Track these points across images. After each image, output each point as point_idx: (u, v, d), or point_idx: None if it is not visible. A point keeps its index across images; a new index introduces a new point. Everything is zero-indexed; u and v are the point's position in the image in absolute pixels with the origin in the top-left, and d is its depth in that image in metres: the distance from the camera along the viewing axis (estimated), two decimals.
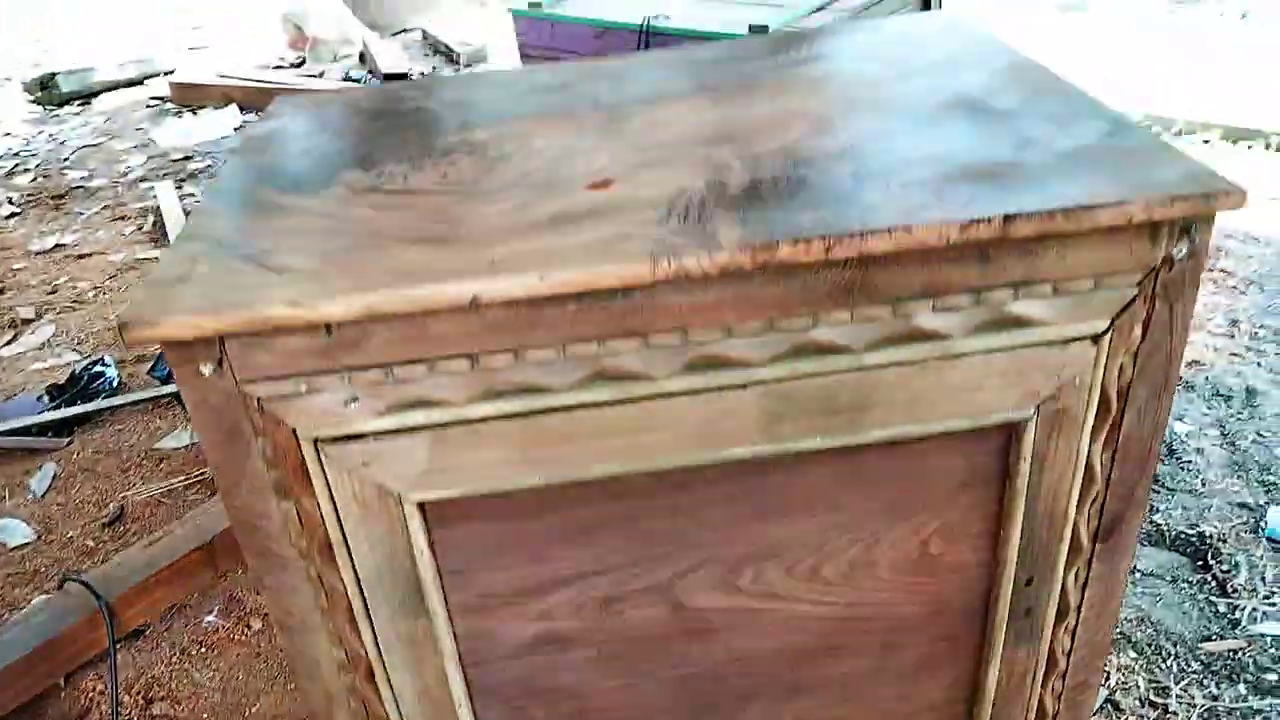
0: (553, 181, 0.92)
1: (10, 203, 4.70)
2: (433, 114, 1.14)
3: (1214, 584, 1.88)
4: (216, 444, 0.83)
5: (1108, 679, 1.71)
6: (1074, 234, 0.78)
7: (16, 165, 5.19)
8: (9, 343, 3.48)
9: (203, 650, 2.08)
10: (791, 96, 1.07)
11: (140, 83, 6.32)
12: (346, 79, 5.50)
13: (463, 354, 0.80)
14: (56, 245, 4.19)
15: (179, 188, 4.63)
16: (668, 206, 0.84)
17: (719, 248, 0.77)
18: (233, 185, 0.99)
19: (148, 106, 5.89)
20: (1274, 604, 1.83)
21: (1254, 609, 1.82)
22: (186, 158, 5.01)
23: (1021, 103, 0.97)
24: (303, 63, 5.98)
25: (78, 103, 6.07)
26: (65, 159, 5.21)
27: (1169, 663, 1.75)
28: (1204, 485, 2.14)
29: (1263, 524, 2.00)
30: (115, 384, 3.05)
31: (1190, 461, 2.21)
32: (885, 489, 0.92)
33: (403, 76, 5.37)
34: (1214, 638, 1.78)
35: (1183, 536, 2.00)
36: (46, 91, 6.01)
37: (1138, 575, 1.93)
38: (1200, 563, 1.93)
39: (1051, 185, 0.80)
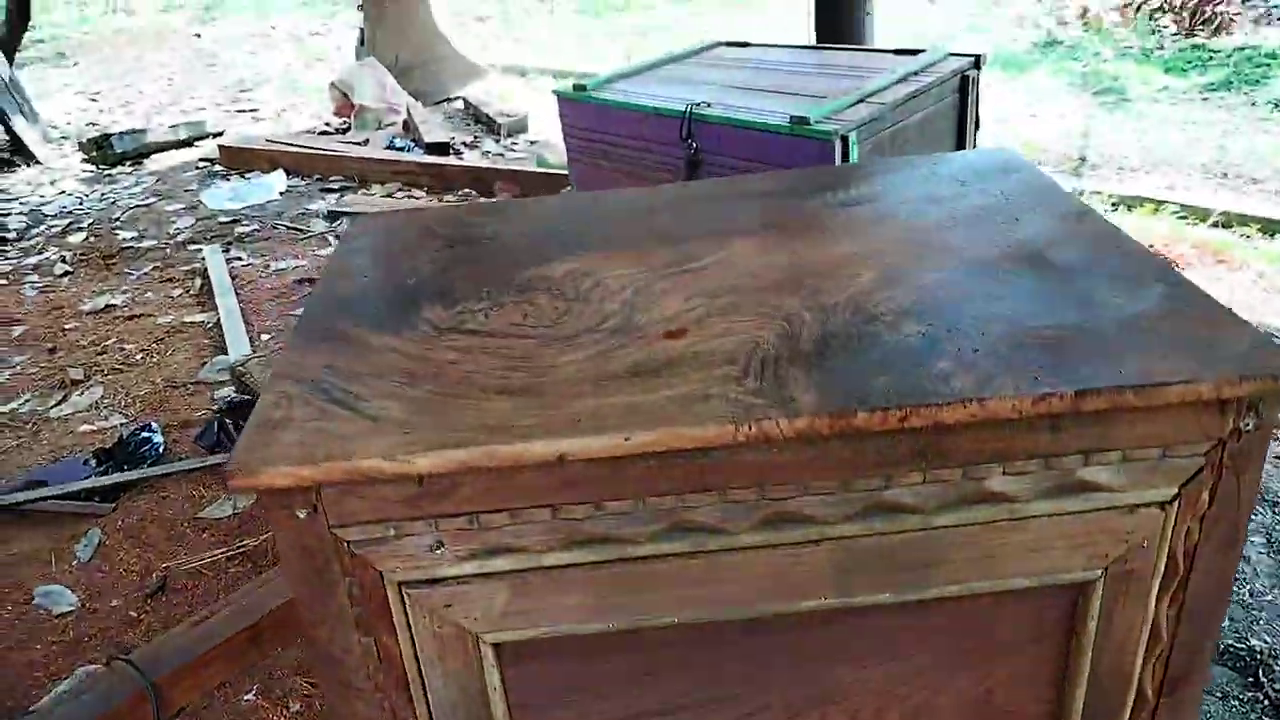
0: (629, 328, 0.96)
1: (64, 261, 4.84)
2: (507, 244, 1.19)
3: (1266, 703, 1.84)
4: (305, 581, 0.86)
5: None
6: (1143, 408, 0.80)
7: (71, 223, 5.36)
8: (59, 403, 3.56)
9: None
10: (855, 239, 1.11)
11: (190, 144, 6.53)
12: (390, 146, 5.65)
13: (545, 504, 0.83)
14: (107, 306, 4.30)
15: (226, 250, 4.75)
16: (743, 363, 0.87)
17: (797, 413, 0.79)
18: (321, 319, 1.04)
19: (197, 168, 6.08)
20: None
21: None
22: (234, 221, 5.14)
23: (1082, 258, 1.00)
24: (348, 129, 6.15)
25: (130, 163, 6.27)
26: (117, 218, 5.37)
27: None
28: (1251, 596, 2.11)
29: None
30: (161, 450, 3.11)
31: (1237, 571, 2.19)
32: (951, 640, 0.93)
33: (445, 145, 5.52)
34: None
35: (1232, 650, 1.97)
36: (101, 151, 6.22)
37: None
38: (1251, 679, 1.90)
39: (1120, 356, 0.82)
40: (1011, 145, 4.45)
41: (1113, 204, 3.90)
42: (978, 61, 3.16)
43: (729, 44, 3.89)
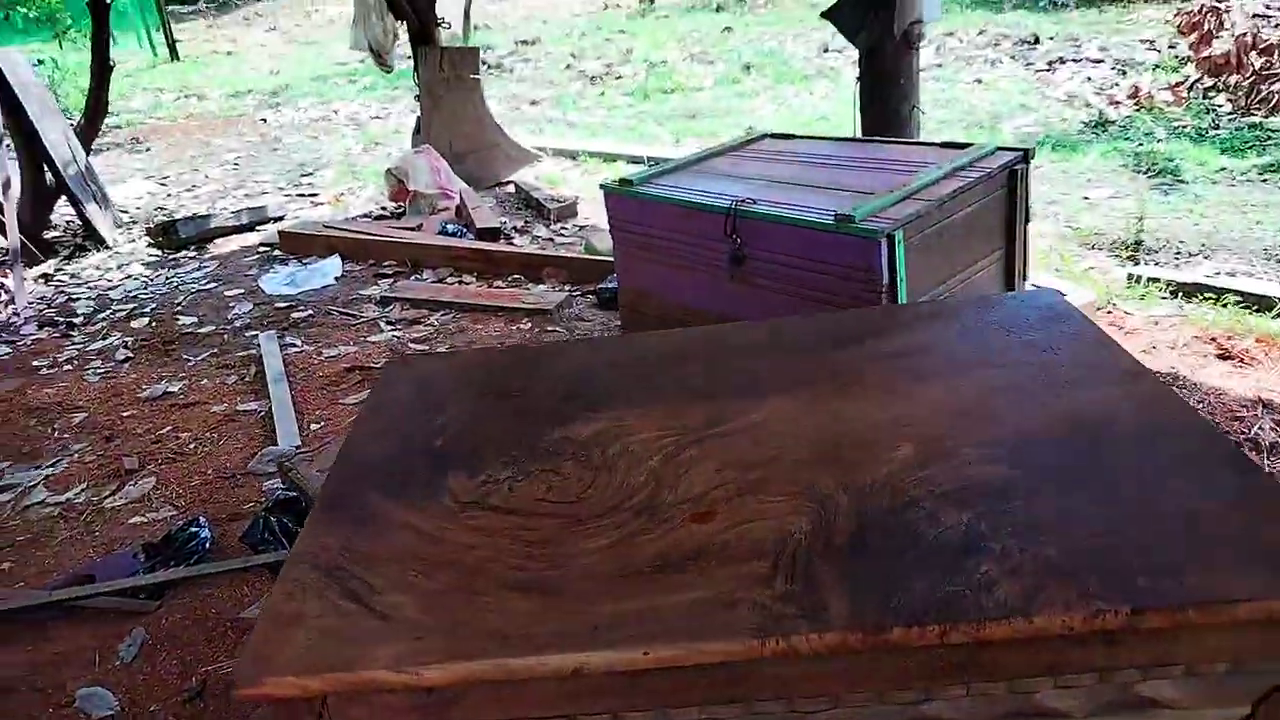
0: (655, 507, 0.92)
1: (126, 347, 4.97)
2: (538, 397, 1.17)
3: None
4: None
5: None
6: (1208, 625, 0.74)
7: (135, 309, 5.52)
8: (113, 494, 3.61)
9: None
10: (895, 402, 1.06)
11: (252, 229, 6.74)
12: (443, 231, 5.76)
13: (559, 715, 0.79)
14: (165, 393, 4.39)
15: (282, 337, 4.84)
16: (773, 558, 0.83)
17: (827, 626, 0.75)
18: (346, 487, 1.02)
19: (258, 253, 6.25)
20: None
21: None
22: (290, 306, 5.26)
23: (1139, 434, 0.95)
24: (402, 214, 6.30)
25: (194, 247, 6.49)
26: (178, 303, 5.52)
27: None
28: None
29: None
30: (208, 545, 3.12)
31: None
32: None
33: (496, 231, 5.61)
34: None
35: None
36: (167, 236, 6.45)
37: None
38: None
39: (1182, 564, 0.76)
40: (1065, 231, 4.37)
41: (1171, 291, 3.78)
42: (1026, 156, 3.11)
43: (774, 136, 3.91)
